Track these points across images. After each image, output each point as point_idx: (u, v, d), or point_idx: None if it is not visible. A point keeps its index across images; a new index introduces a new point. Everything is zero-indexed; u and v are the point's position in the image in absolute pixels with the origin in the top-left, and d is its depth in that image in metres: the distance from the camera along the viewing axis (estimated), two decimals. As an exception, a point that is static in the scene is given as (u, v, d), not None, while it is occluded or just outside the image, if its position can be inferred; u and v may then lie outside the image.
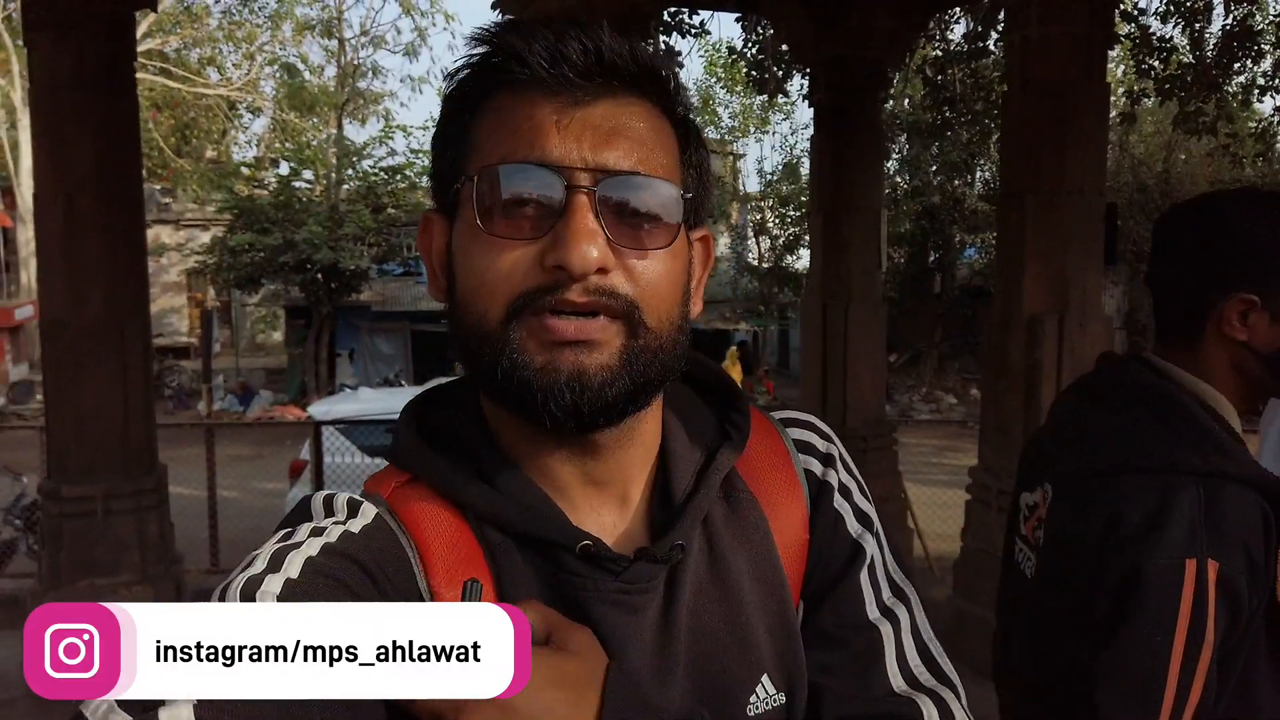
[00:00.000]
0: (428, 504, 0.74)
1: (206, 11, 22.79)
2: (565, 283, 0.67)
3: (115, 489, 4.66)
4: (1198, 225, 1.29)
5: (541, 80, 0.69)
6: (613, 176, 0.68)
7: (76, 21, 4.41)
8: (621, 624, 0.72)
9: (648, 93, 0.73)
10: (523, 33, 0.70)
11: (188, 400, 18.41)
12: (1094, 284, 4.52)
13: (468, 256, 0.71)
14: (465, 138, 0.73)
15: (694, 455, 0.80)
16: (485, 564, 0.72)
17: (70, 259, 4.55)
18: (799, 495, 0.85)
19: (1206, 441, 1.21)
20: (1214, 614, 1.15)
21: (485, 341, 0.70)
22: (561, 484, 0.75)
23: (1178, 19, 9.15)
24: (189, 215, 24.23)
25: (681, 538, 0.75)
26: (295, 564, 0.64)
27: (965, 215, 17.74)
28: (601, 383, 0.68)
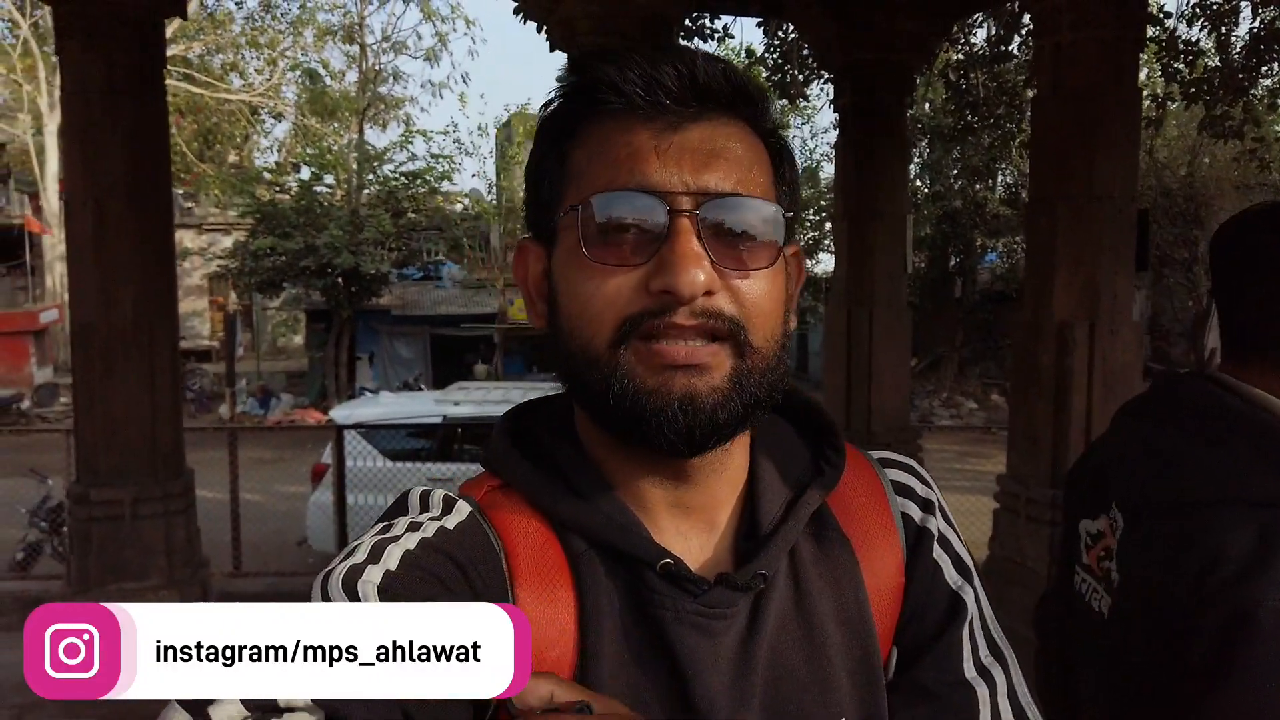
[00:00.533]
0: (517, 510, 0.75)
1: (229, 18, 22.99)
2: (672, 307, 0.68)
3: (144, 492, 4.69)
4: (1269, 234, 1.19)
5: (639, 107, 0.70)
6: (714, 199, 0.69)
7: (107, 28, 4.46)
8: (698, 647, 0.71)
9: (741, 113, 0.74)
10: (617, 61, 0.71)
11: (209, 404, 18.55)
12: (1125, 290, 4.48)
13: (572, 283, 0.72)
14: (563, 167, 0.74)
15: (784, 487, 0.80)
16: (569, 572, 0.72)
17: (101, 263, 4.59)
18: (894, 539, 0.84)
19: None
20: None
21: (593, 366, 0.70)
22: (649, 506, 0.76)
23: (1204, 22, 9.07)
24: (211, 220, 24.45)
25: (764, 567, 0.75)
26: (394, 556, 0.66)
27: (986, 220, 17.65)
28: (714, 405, 0.69)
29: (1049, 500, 4.51)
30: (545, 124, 0.77)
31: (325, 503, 7.26)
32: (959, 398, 18.25)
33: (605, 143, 0.72)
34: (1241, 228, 1.24)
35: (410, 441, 8.10)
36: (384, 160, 19.57)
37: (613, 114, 0.71)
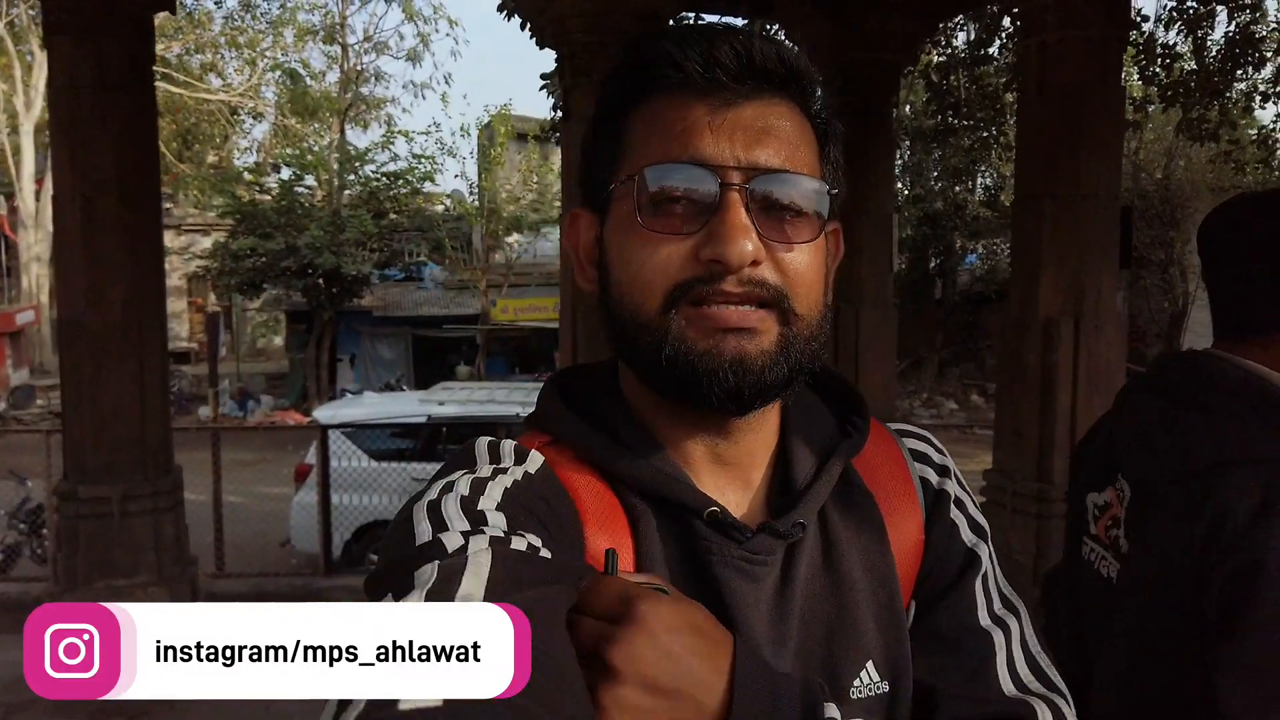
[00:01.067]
0: (572, 462, 0.79)
1: (209, 17, 22.83)
2: (720, 275, 0.71)
3: (132, 490, 4.66)
4: (1265, 221, 1.28)
5: (695, 83, 0.73)
6: (763, 174, 0.72)
7: (97, 24, 4.43)
8: (742, 591, 0.76)
9: (792, 93, 0.76)
10: (677, 38, 0.74)
11: (189, 405, 18.37)
12: (1109, 287, 4.54)
13: (624, 250, 0.75)
14: (620, 138, 0.77)
15: (814, 446, 0.85)
16: (626, 522, 0.76)
17: (89, 259, 4.56)
18: (914, 500, 0.89)
19: None
20: None
21: (645, 330, 0.74)
22: (692, 460, 0.80)
23: (1181, 26, 9.20)
24: (190, 220, 24.25)
25: (802, 517, 0.79)
26: (496, 492, 0.69)
27: (967, 222, 17.80)
28: (763, 366, 0.73)
29: (1034, 494, 4.57)
30: (604, 97, 0.80)
31: (309, 503, 7.22)
32: (939, 398, 18.38)
33: (661, 116, 0.75)
34: (1228, 214, 1.32)
35: (394, 442, 8.07)
36: (365, 161, 19.49)
37: (670, 89, 0.74)
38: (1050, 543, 4.49)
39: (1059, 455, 4.52)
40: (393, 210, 19.01)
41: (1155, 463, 1.28)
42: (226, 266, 18.07)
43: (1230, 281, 1.32)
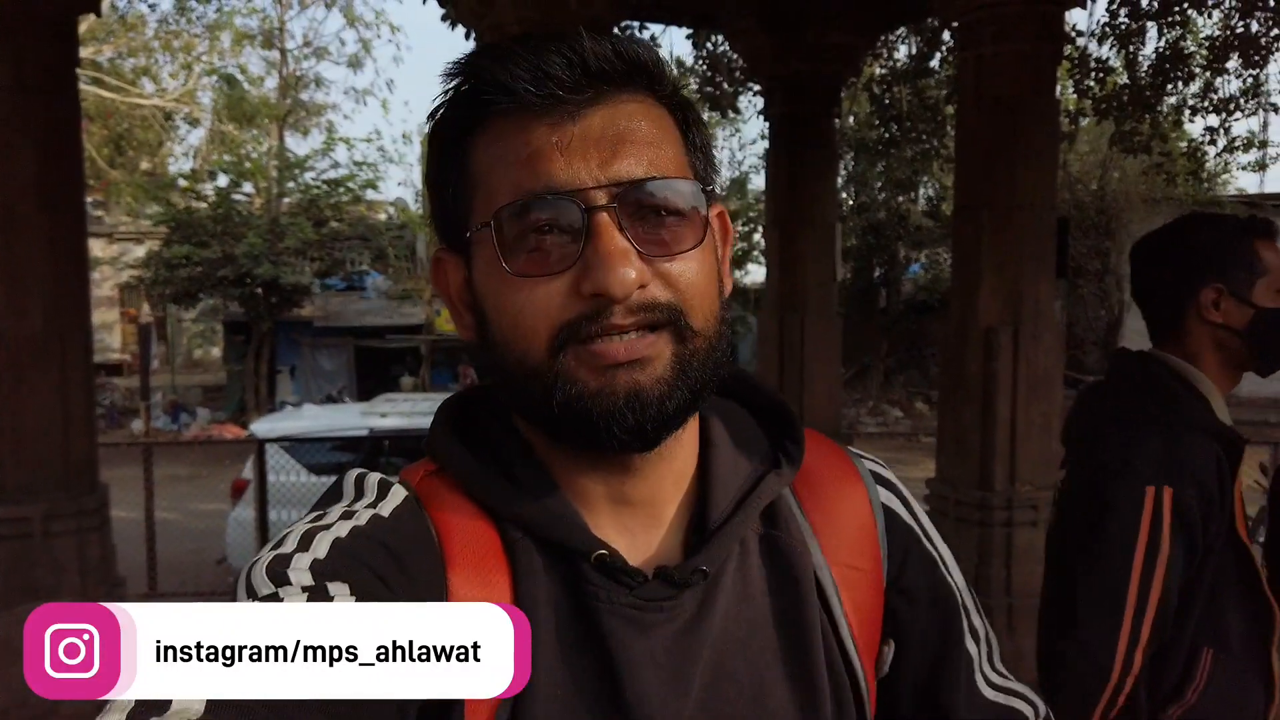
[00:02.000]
0: (454, 496, 0.73)
1: (142, 21, 22.31)
2: (607, 308, 0.66)
3: (55, 509, 4.47)
4: (1164, 243, 1.68)
5: (531, 103, 0.67)
6: (629, 187, 0.67)
7: (16, 26, 4.26)
8: (631, 641, 0.70)
9: (639, 87, 0.70)
10: (500, 58, 0.68)
11: (120, 419, 17.87)
12: (1046, 296, 4.61)
13: (498, 298, 0.70)
14: (464, 175, 0.71)
15: (737, 480, 0.78)
16: (505, 560, 0.71)
17: (9, 269, 4.37)
18: (873, 534, 0.83)
19: (1169, 400, 1.58)
20: (1168, 533, 1.46)
21: (533, 377, 0.69)
22: (589, 499, 0.74)
23: (1114, 41, 9.44)
24: (123, 229, 23.64)
25: (705, 563, 0.73)
26: (324, 544, 0.64)
27: (910, 231, 18.09)
28: (660, 396, 0.68)
29: (977, 502, 4.61)
30: (438, 131, 0.73)
31: (246, 519, 7.05)
32: (885, 406, 18.60)
33: (504, 145, 0.69)
34: (1143, 242, 1.72)
35: (335, 455, 7.92)
36: (305, 168, 19.17)
37: (506, 112, 0.68)
38: (991, 550, 4.54)
39: (1000, 463, 4.57)
40: (334, 218, 18.72)
41: (1072, 436, 1.72)
42: (160, 276, 17.62)
43: (1144, 293, 1.72)
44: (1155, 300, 1.68)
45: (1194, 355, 1.64)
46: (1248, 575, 1.54)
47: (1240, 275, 1.59)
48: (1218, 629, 1.52)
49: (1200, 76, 10.00)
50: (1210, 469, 1.50)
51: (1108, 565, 1.49)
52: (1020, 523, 4.49)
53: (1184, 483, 1.47)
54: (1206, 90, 10.10)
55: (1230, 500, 1.52)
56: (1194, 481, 1.48)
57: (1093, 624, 1.49)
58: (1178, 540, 1.46)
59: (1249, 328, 1.58)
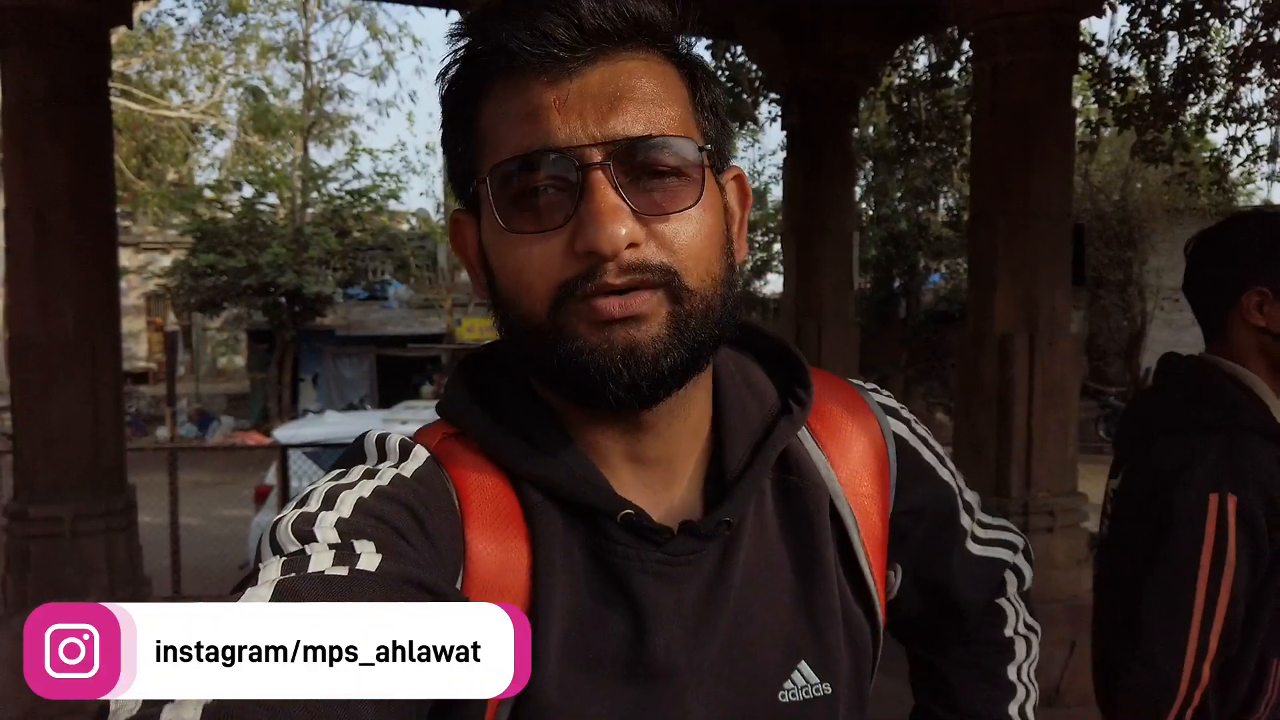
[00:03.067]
0: (472, 459, 0.73)
1: (170, 34, 22.64)
2: (599, 266, 0.66)
3: (84, 509, 4.56)
4: (1212, 242, 1.63)
5: (530, 62, 0.67)
6: (624, 144, 0.66)
7: (51, 37, 4.37)
8: (662, 596, 0.71)
9: (641, 44, 0.70)
10: (500, 17, 0.68)
11: (146, 426, 18.07)
12: (1062, 303, 4.62)
13: (500, 256, 0.71)
14: (472, 133, 0.72)
15: (750, 429, 0.79)
16: (523, 523, 0.71)
17: (41, 275, 4.48)
18: (885, 460, 0.87)
19: (1227, 403, 1.53)
20: (1234, 541, 1.42)
21: (535, 333, 0.69)
22: (608, 458, 0.75)
23: (1134, 50, 9.40)
24: (149, 238, 23.94)
25: (729, 514, 0.74)
26: (348, 503, 0.64)
27: (930, 241, 18.01)
28: (655, 354, 0.67)
29: (993, 508, 4.60)
30: (446, 92, 0.74)
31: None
32: (904, 416, 18.50)
33: (506, 104, 0.69)
34: (1191, 246, 1.68)
35: (357, 461, 7.98)
36: (329, 178, 19.38)
37: (508, 71, 0.69)
38: (1008, 556, 4.54)
39: (1016, 469, 4.57)
40: (357, 228, 18.90)
41: (1123, 442, 1.70)
42: (186, 285, 17.84)
43: (1193, 293, 1.68)
44: (1203, 301, 1.65)
45: (1242, 358, 1.59)
46: None
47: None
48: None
49: (1222, 86, 9.95)
50: (1274, 473, 1.46)
51: (1172, 576, 1.46)
52: (1037, 529, 4.48)
53: (1247, 488, 1.44)
54: (1229, 100, 10.04)
55: None
56: (1257, 487, 1.45)
57: (1158, 637, 1.46)
58: (1244, 548, 1.43)
59: None
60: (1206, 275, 1.64)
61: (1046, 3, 4.34)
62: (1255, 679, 1.47)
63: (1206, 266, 1.64)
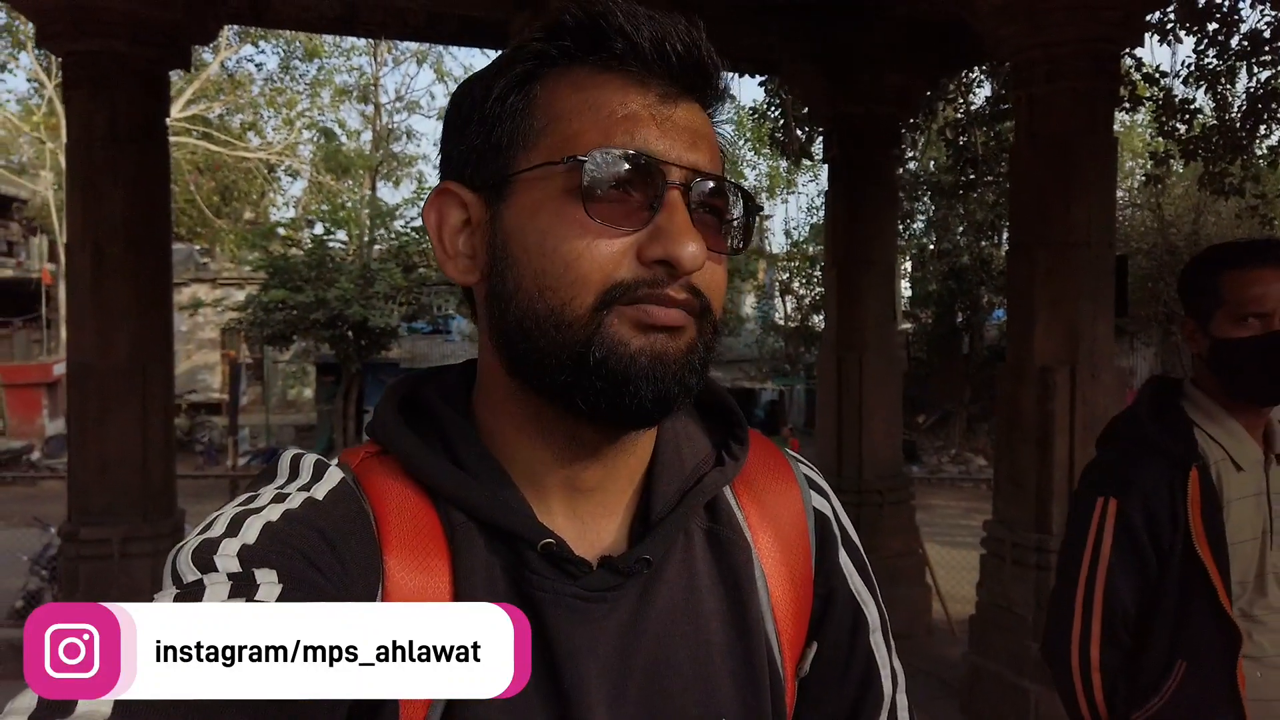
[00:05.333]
0: (394, 478, 0.71)
1: (249, 79, 23.58)
2: (665, 278, 0.66)
3: (133, 532, 4.72)
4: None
5: (632, 67, 0.68)
6: (704, 178, 0.69)
7: (112, 79, 4.61)
8: (575, 632, 0.69)
9: (709, 103, 0.73)
10: (626, 12, 0.68)
11: (218, 455, 18.60)
12: (1105, 335, 4.50)
13: (550, 239, 0.67)
14: (529, 111, 0.70)
15: (683, 472, 0.78)
16: (445, 544, 0.69)
17: (98, 305, 4.69)
18: (805, 533, 0.84)
19: (1132, 421, 1.73)
20: (1110, 540, 1.61)
21: (567, 328, 0.66)
22: (542, 485, 0.74)
23: (1200, 81, 9.18)
24: (225, 274, 24.78)
25: (649, 553, 0.73)
26: (254, 529, 0.62)
27: (993, 276, 17.70)
28: (680, 366, 0.68)
29: (1034, 545, 4.48)
30: (511, 61, 0.72)
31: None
32: (968, 454, 18.13)
33: (597, 95, 0.68)
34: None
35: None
36: (396, 216, 19.86)
37: (604, 65, 0.68)
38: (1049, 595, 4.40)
39: (1058, 505, 4.44)
40: (421, 264, 19.28)
41: None
42: (258, 319, 18.35)
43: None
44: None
45: (1200, 380, 1.73)
46: (1208, 593, 1.59)
47: (1204, 306, 1.68)
48: (1193, 643, 1.61)
49: (1295, 117, 9.63)
50: (1159, 487, 1.61)
51: (1064, 567, 1.69)
52: (1081, 567, 4.35)
53: (1129, 496, 1.61)
54: (1302, 131, 9.70)
55: (1184, 519, 1.60)
56: (1139, 496, 1.61)
57: (1052, 623, 1.68)
58: (1120, 548, 1.60)
59: (1210, 358, 1.68)
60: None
61: (1086, 33, 4.28)
62: (1162, 671, 1.62)
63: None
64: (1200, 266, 1.72)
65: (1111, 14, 4.25)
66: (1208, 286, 1.67)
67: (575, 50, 0.69)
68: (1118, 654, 1.64)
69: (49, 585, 7.29)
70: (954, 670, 5.24)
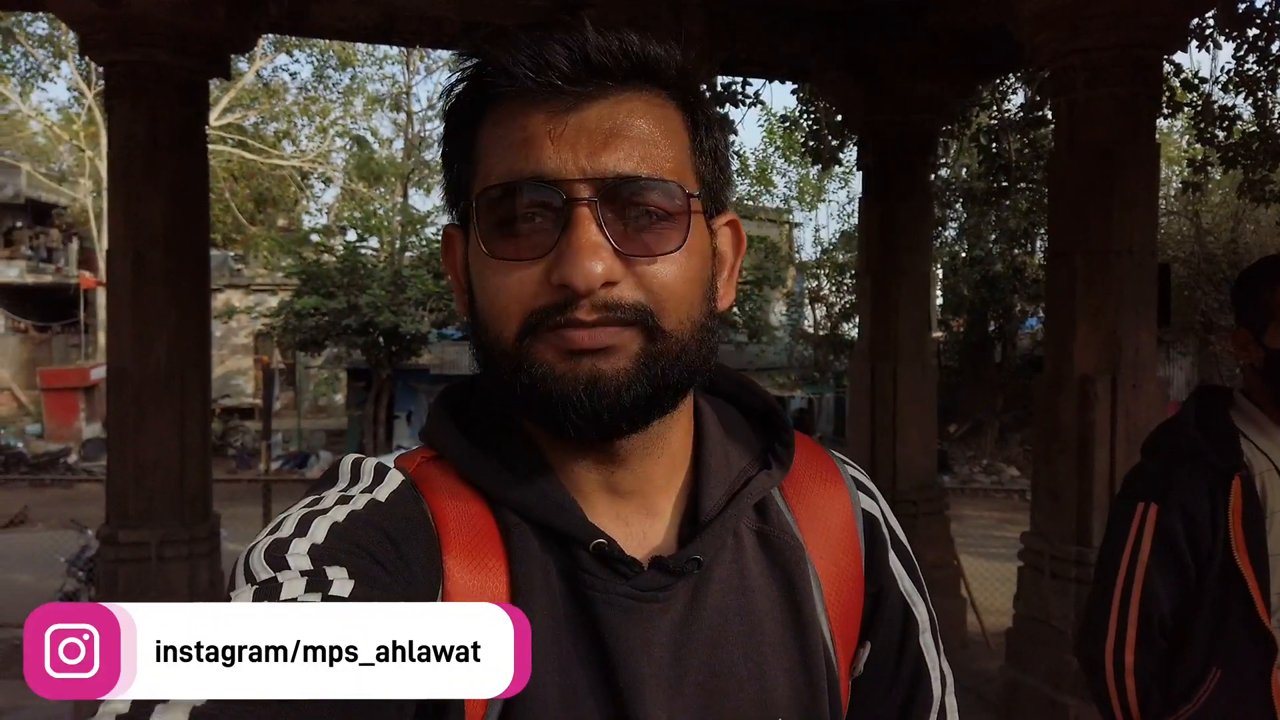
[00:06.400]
0: (450, 482, 0.73)
1: (284, 88, 23.85)
2: (572, 300, 0.66)
3: (170, 535, 4.77)
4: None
5: (531, 90, 0.68)
6: (613, 182, 0.67)
7: (153, 88, 4.67)
8: (626, 631, 0.70)
9: (645, 85, 0.71)
10: (506, 44, 0.69)
11: (251, 460, 18.79)
12: (1147, 344, 4.43)
13: (480, 277, 0.71)
14: (469, 153, 0.73)
15: (730, 474, 0.79)
16: (501, 544, 0.71)
17: (137, 311, 4.74)
18: (855, 534, 0.84)
19: (1175, 429, 1.74)
20: (1148, 546, 1.62)
21: (505, 358, 0.70)
22: (583, 488, 0.75)
23: (1241, 87, 9.05)
24: (259, 280, 25.05)
25: (699, 552, 0.73)
26: (321, 529, 0.64)
27: (1026, 284, 17.52)
28: (618, 387, 0.67)
29: (1073, 558, 4.41)
30: (449, 109, 0.75)
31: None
32: (1000, 464, 17.93)
33: (500, 129, 0.70)
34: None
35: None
36: (427, 223, 20.00)
37: (510, 96, 0.69)
38: (1089, 609, 4.32)
39: (1098, 518, 4.36)
40: (452, 271, 19.39)
41: None
42: (290, 325, 18.54)
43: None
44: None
45: (1250, 391, 1.75)
46: (1245, 603, 1.61)
47: (1258, 318, 1.70)
48: (1229, 652, 1.62)
49: (1339, 123, 9.45)
50: (1200, 495, 1.62)
51: (1101, 572, 1.71)
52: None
53: (1170, 503, 1.63)
54: (1345, 137, 9.52)
55: (1224, 527, 1.61)
56: (1179, 504, 1.62)
57: (1088, 627, 1.71)
58: (1160, 554, 1.62)
59: (1264, 369, 1.70)
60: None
61: (1126, 39, 4.22)
62: (1196, 678, 1.62)
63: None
64: (1255, 278, 1.74)
65: (1155, 20, 4.19)
66: (1263, 298, 1.69)
67: (488, 91, 0.70)
68: (1152, 659, 1.64)
69: (85, 586, 7.37)
70: (990, 684, 5.17)
